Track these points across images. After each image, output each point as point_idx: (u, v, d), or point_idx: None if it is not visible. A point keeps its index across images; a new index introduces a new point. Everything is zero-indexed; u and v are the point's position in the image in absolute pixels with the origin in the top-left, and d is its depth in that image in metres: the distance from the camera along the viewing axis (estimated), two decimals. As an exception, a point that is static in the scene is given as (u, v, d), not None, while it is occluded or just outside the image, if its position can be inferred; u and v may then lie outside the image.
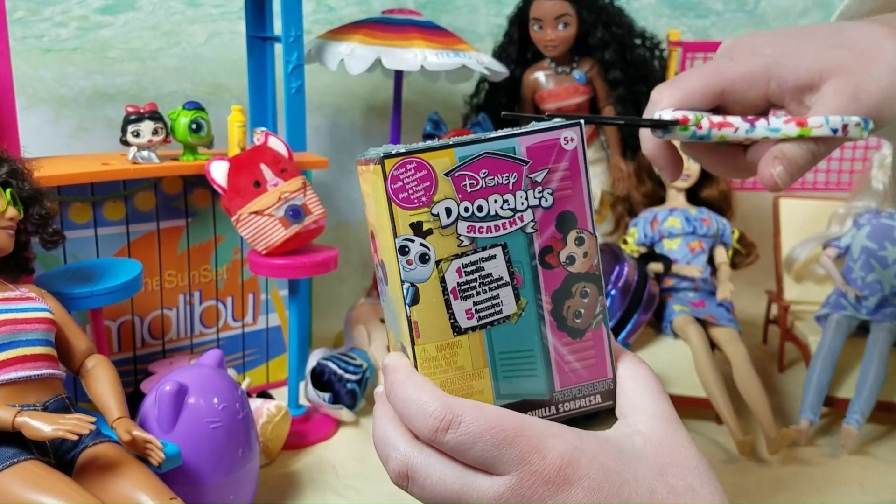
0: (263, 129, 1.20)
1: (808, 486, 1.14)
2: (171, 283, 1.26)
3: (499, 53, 1.65)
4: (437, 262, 0.34)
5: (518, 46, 1.62)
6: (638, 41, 1.60)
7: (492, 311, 0.35)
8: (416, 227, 0.34)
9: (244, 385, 1.11)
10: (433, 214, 0.34)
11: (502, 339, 0.35)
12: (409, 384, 0.34)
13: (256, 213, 1.13)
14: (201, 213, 1.27)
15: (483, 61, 1.44)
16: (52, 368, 0.87)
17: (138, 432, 0.84)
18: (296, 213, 1.14)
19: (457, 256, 0.34)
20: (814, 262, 1.49)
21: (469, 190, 0.34)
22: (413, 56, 1.35)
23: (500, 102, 1.65)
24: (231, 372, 1.17)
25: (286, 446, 1.16)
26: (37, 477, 0.77)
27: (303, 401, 1.27)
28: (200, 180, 1.21)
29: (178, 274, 1.26)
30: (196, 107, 1.18)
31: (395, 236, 0.34)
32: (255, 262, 1.17)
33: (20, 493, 0.75)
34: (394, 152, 0.33)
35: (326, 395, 1.23)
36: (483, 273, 0.35)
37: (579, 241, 0.36)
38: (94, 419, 0.78)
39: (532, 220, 0.35)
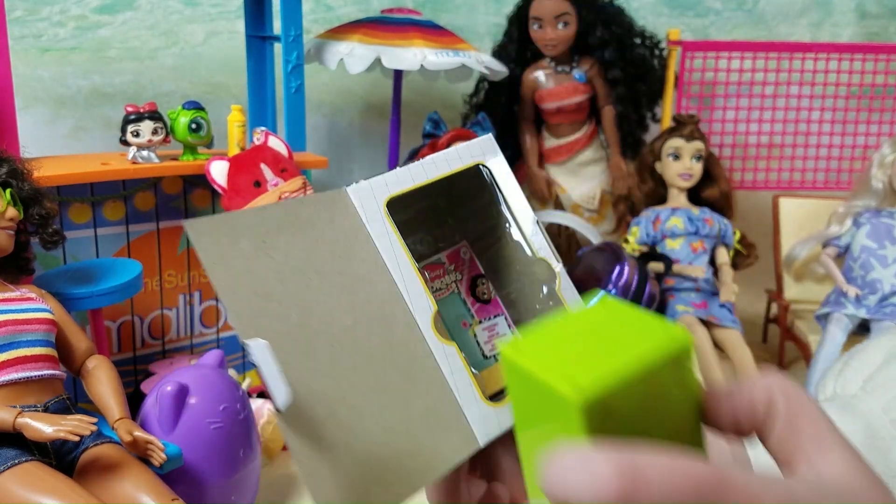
0: (263, 128, 1.20)
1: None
2: (171, 283, 1.25)
3: (498, 53, 1.65)
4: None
5: (518, 46, 1.62)
6: (637, 40, 1.60)
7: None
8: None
9: (244, 385, 1.10)
10: None
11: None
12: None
13: (257, 212, 1.13)
14: (201, 213, 1.27)
15: (483, 60, 1.44)
16: (52, 369, 0.86)
17: (139, 433, 0.83)
18: (296, 213, 1.14)
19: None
20: (813, 261, 1.49)
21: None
22: (413, 55, 1.35)
23: (500, 101, 1.65)
24: (231, 372, 1.17)
25: (287, 446, 1.16)
26: (38, 478, 0.76)
27: (303, 401, 1.27)
28: (200, 180, 1.21)
29: (178, 274, 1.26)
30: (196, 106, 1.18)
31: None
32: (255, 262, 1.16)
33: (21, 494, 0.75)
34: None
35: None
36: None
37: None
38: (95, 420, 0.77)
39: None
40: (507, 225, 0.44)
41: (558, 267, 0.42)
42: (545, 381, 0.26)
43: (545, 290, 0.44)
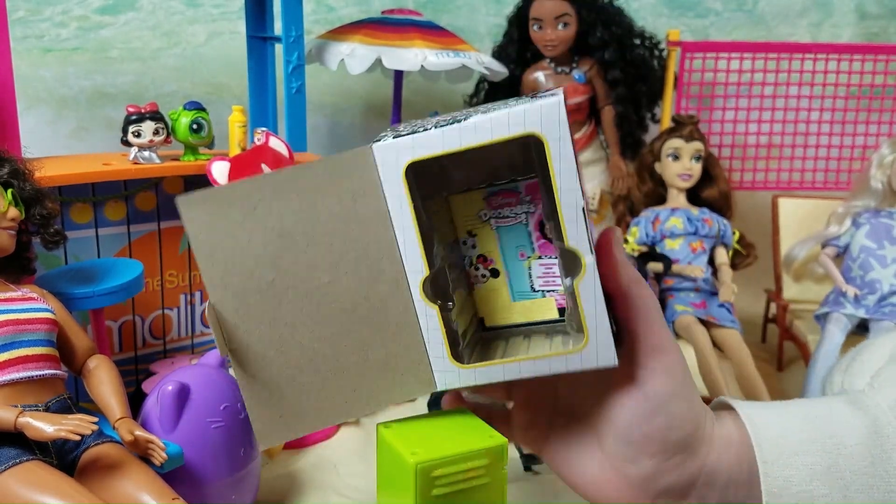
0: (264, 129, 1.20)
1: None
2: (172, 283, 1.26)
3: (498, 53, 1.65)
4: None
5: (518, 46, 1.62)
6: (637, 41, 1.60)
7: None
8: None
9: (245, 385, 1.11)
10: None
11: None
12: None
13: (257, 213, 1.13)
14: (202, 213, 1.27)
15: (483, 61, 1.44)
16: (54, 369, 0.87)
17: (140, 432, 0.84)
18: (296, 213, 1.14)
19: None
20: (812, 261, 1.50)
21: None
22: (413, 56, 1.35)
23: (500, 102, 1.65)
24: (232, 371, 1.17)
25: (287, 446, 1.16)
26: (39, 477, 0.77)
27: (303, 400, 1.27)
28: (201, 180, 1.21)
29: (179, 274, 1.27)
30: (197, 107, 1.18)
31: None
32: (255, 262, 1.17)
33: (23, 494, 0.75)
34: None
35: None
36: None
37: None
38: (96, 419, 0.78)
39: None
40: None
41: (589, 259, 0.41)
42: (399, 451, 0.38)
43: (568, 282, 0.43)
